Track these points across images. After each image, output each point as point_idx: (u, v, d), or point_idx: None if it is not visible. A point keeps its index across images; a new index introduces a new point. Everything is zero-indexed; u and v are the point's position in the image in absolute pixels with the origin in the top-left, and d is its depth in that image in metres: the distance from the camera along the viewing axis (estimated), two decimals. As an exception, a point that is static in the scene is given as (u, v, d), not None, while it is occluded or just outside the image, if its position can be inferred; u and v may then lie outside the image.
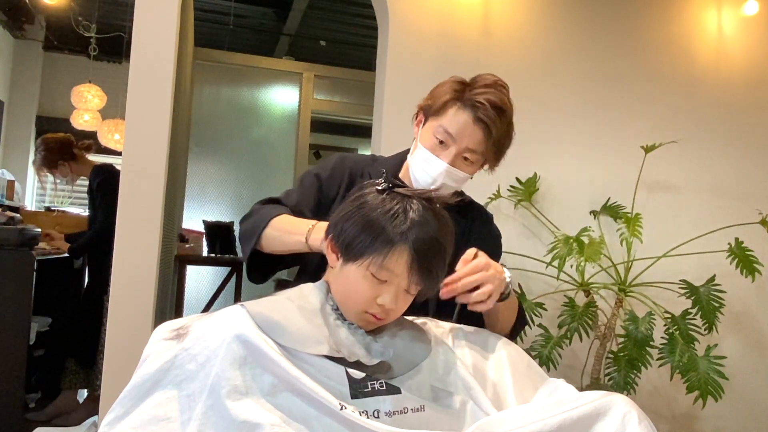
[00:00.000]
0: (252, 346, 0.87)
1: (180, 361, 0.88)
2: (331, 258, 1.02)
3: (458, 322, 1.16)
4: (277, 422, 0.81)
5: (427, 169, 1.28)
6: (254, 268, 1.27)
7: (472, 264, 1.08)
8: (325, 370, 0.89)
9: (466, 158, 1.28)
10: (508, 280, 1.15)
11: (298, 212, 1.27)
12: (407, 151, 1.40)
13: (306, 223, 1.16)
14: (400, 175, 1.37)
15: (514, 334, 1.28)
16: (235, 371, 0.85)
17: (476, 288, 1.08)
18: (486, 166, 1.36)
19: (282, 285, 1.16)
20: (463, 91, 1.27)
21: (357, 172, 1.37)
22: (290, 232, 1.18)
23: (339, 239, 1.00)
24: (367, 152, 2.60)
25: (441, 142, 1.27)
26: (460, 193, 1.38)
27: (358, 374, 0.90)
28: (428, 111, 1.32)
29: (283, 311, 0.96)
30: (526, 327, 2.07)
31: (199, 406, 0.84)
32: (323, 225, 1.10)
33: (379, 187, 1.01)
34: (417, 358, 0.99)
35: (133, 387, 0.87)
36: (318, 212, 1.28)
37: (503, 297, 1.14)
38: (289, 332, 0.91)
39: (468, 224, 1.37)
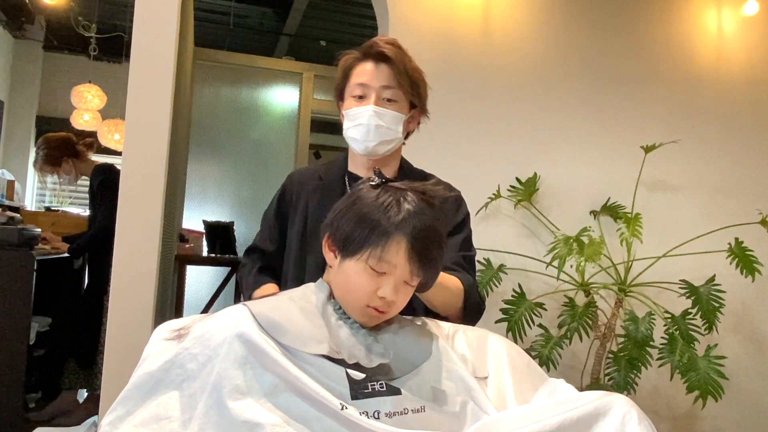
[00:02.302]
0: (253, 346, 0.87)
1: (181, 360, 0.88)
2: (329, 257, 1.03)
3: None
4: (278, 422, 0.81)
5: (358, 121, 1.31)
6: None
7: None
8: (326, 371, 0.89)
9: (388, 100, 1.32)
10: None
11: (277, 254, 1.41)
12: (347, 151, 1.45)
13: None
14: (349, 168, 1.42)
15: (467, 319, 1.29)
16: (236, 371, 0.85)
17: None
18: (421, 120, 1.43)
19: None
20: (358, 52, 1.36)
21: (306, 178, 1.43)
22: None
23: (336, 236, 1.00)
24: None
25: (360, 97, 1.32)
26: (451, 188, 1.43)
27: (358, 375, 0.90)
28: (341, 87, 1.38)
29: (285, 311, 0.96)
30: (526, 327, 2.09)
31: (200, 406, 0.84)
32: None
33: (373, 183, 1.02)
34: (417, 360, 0.99)
35: (134, 386, 0.87)
36: (284, 238, 1.41)
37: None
38: (290, 332, 0.91)
39: None
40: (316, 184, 1.40)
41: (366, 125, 1.30)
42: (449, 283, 1.24)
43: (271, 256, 1.42)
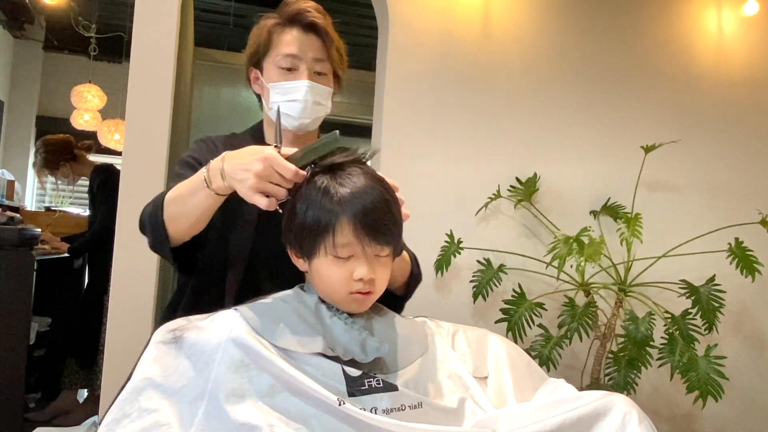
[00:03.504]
0: (248, 349, 0.87)
1: (178, 366, 0.88)
2: (299, 264, 1.03)
3: None
4: (276, 423, 0.81)
5: (291, 96, 1.23)
6: (177, 259, 1.17)
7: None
8: (322, 369, 0.89)
9: (318, 73, 1.26)
10: None
11: None
12: (260, 123, 1.37)
13: (199, 173, 1.04)
14: (267, 141, 1.33)
15: (409, 289, 1.27)
16: (232, 374, 0.85)
17: None
18: (339, 88, 1.34)
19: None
20: (279, 17, 1.26)
21: (220, 147, 1.27)
22: (188, 189, 1.06)
23: (294, 245, 1.01)
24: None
25: (289, 69, 1.23)
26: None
27: (354, 372, 0.91)
28: (258, 56, 1.28)
29: (277, 313, 0.96)
30: (526, 327, 2.09)
31: (199, 412, 0.84)
32: (215, 162, 1.02)
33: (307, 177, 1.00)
34: (413, 355, 0.99)
35: (132, 390, 0.87)
36: None
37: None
38: (283, 334, 0.92)
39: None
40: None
41: (302, 101, 1.23)
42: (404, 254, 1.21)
43: None
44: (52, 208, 4.38)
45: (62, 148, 3.03)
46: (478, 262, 2.33)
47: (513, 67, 2.52)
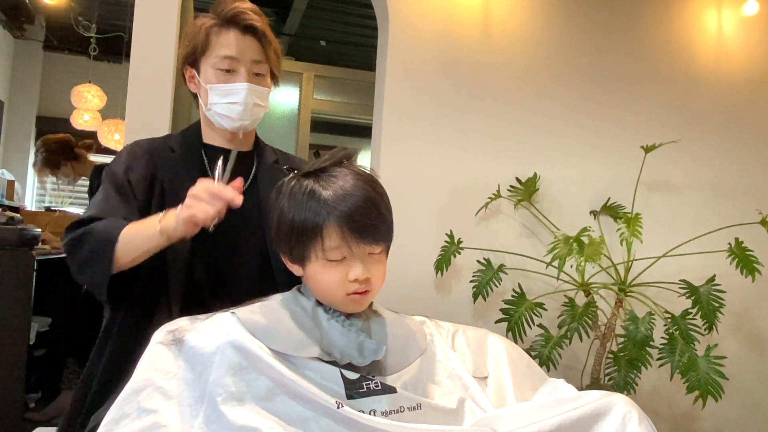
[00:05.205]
0: (247, 352, 0.87)
1: (177, 368, 0.88)
2: (294, 269, 1.03)
3: None
4: (275, 426, 0.81)
5: (231, 98, 1.25)
6: (109, 290, 1.19)
7: None
8: (321, 372, 0.89)
9: (257, 74, 1.27)
10: None
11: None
12: (196, 123, 1.37)
13: (154, 218, 1.11)
14: (205, 140, 1.33)
15: None
16: (230, 377, 0.85)
17: None
18: (277, 85, 1.37)
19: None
20: (216, 17, 1.26)
21: (155, 147, 1.31)
22: (141, 232, 1.11)
23: (286, 252, 1.01)
24: (368, 153, 2.60)
25: (228, 71, 1.25)
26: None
27: (352, 375, 0.90)
28: (195, 55, 1.28)
29: (275, 316, 0.96)
30: (526, 327, 2.09)
31: (199, 415, 0.84)
32: (172, 212, 1.08)
33: (287, 179, 1.02)
34: (412, 356, 0.99)
35: (132, 391, 0.87)
36: (138, 204, 1.23)
37: None
38: (280, 337, 0.91)
39: None
40: (169, 157, 1.29)
41: (243, 104, 1.24)
42: None
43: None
44: (52, 208, 4.38)
45: (63, 147, 3.03)
46: (478, 262, 2.33)
47: (513, 66, 2.52)
